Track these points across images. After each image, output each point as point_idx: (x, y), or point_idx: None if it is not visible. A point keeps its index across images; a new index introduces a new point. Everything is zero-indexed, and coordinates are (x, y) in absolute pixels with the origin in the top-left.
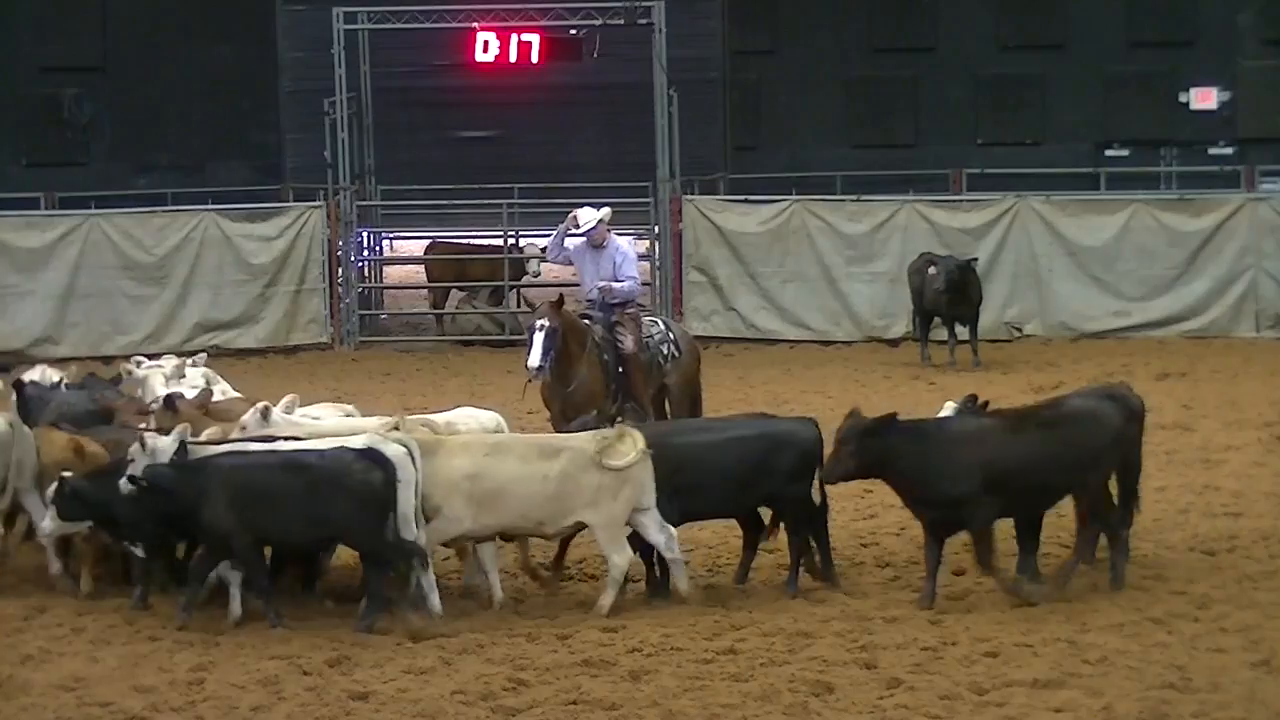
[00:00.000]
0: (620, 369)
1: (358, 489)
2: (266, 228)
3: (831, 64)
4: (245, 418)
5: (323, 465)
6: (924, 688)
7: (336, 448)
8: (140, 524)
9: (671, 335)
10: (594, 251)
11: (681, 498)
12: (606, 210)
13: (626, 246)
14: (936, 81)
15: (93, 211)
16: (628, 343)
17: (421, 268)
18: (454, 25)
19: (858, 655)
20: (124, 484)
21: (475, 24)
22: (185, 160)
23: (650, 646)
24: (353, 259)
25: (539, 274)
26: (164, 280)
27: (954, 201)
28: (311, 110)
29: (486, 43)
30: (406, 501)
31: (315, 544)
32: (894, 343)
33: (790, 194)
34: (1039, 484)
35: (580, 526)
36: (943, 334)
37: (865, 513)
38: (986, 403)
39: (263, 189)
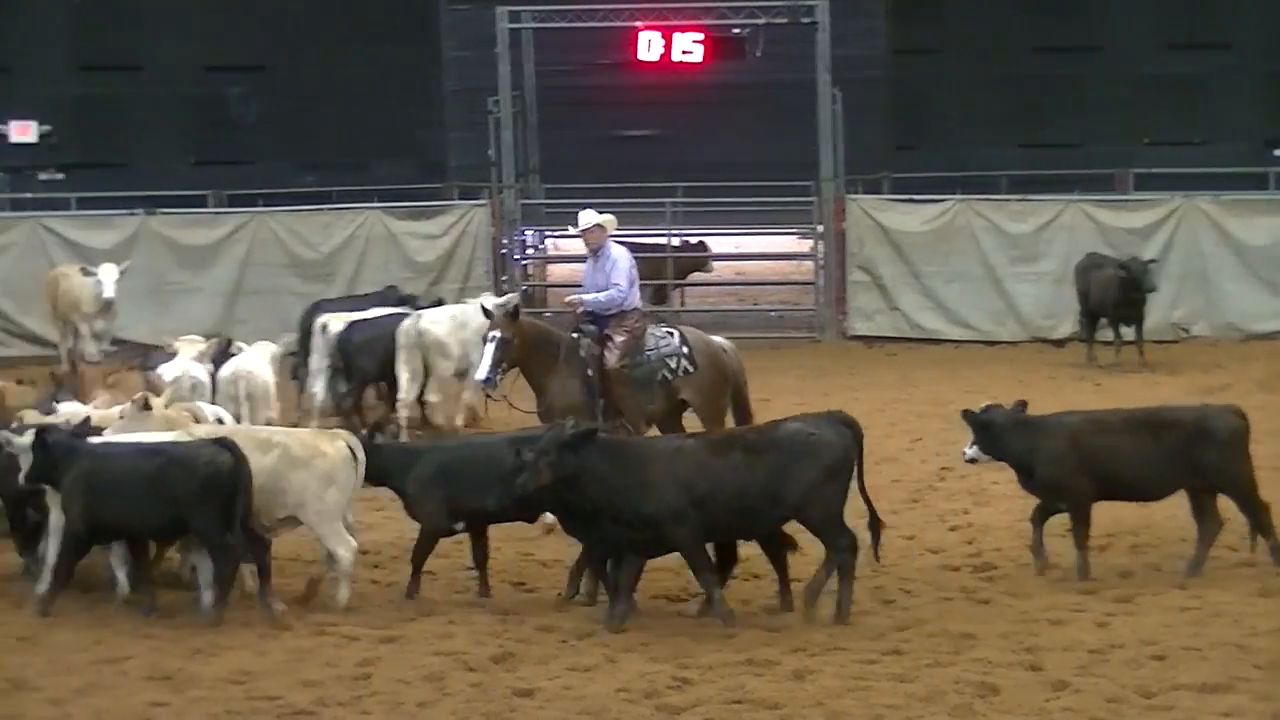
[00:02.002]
0: (604, 384)
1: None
2: (431, 226)
3: (995, 63)
4: None
5: (174, 452)
6: (1090, 690)
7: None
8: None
9: (686, 349)
10: (592, 258)
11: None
12: (609, 217)
13: (619, 254)
14: (1101, 80)
15: (260, 209)
16: (609, 357)
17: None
18: (617, 24)
19: (1023, 657)
20: None
21: (638, 23)
22: (350, 158)
23: (814, 646)
24: (516, 257)
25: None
26: (330, 277)
27: (1120, 201)
28: (475, 109)
29: (650, 42)
30: None
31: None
32: (1059, 343)
33: (954, 193)
34: (739, 508)
35: (294, 522)
36: (1109, 334)
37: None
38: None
39: (427, 187)
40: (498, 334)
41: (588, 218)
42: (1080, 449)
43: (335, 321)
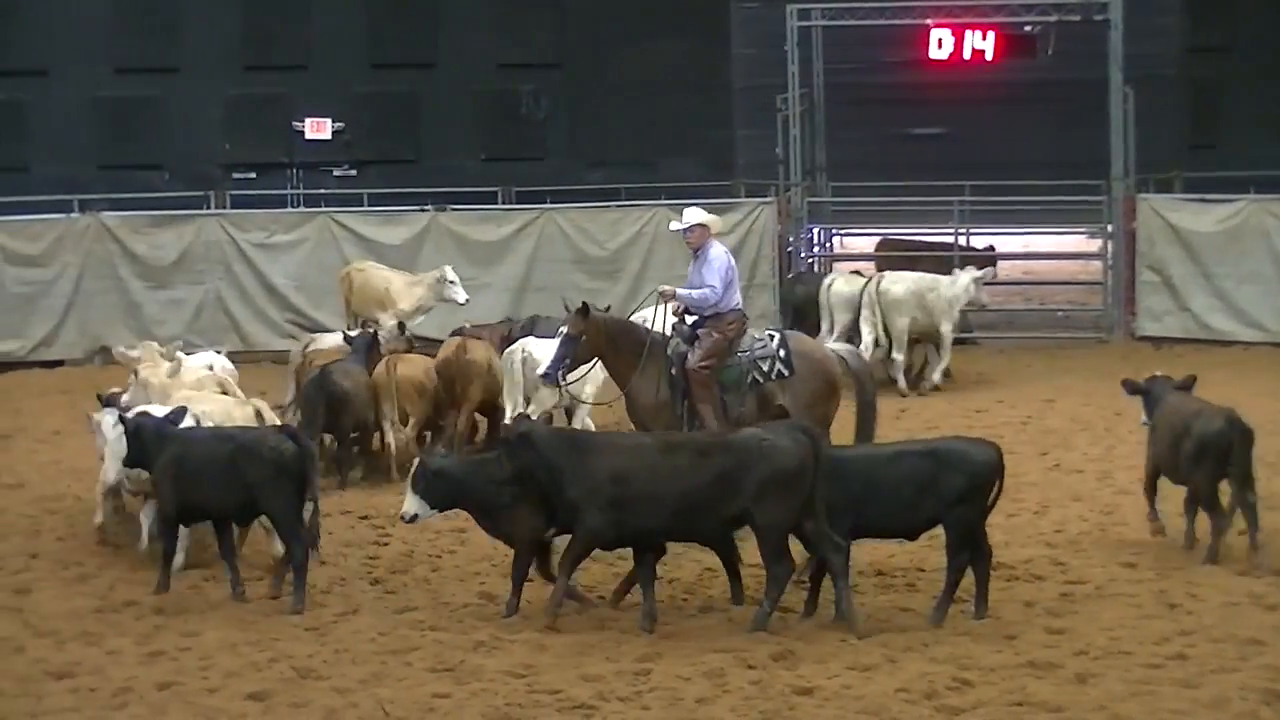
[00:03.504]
0: (686, 382)
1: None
2: (718, 224)
3: None
4: None
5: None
6: None
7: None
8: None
9: (783, 351)
10: (695, 257)
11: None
12: (714, 218)
13: (716, 255)
14: None
15: (548, 206)
16: (691, 357)
17: (871, 265)
18: (908, 22)
19: None
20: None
21: (929, 21)
22: (638, 156)
23: (1097, 650)
24: (802, 255)
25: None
26: (616, 274)
27: None
28: (763, 107)
29: (940, 40)
30: None
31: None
32: None
33: (1247, 193)
34: (677, 509)
35: None
36: None
37: None
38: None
39: (714, 184)
40: (564, 329)
41: (691, 215)
42: (1172, 430)
43: (841, 281)
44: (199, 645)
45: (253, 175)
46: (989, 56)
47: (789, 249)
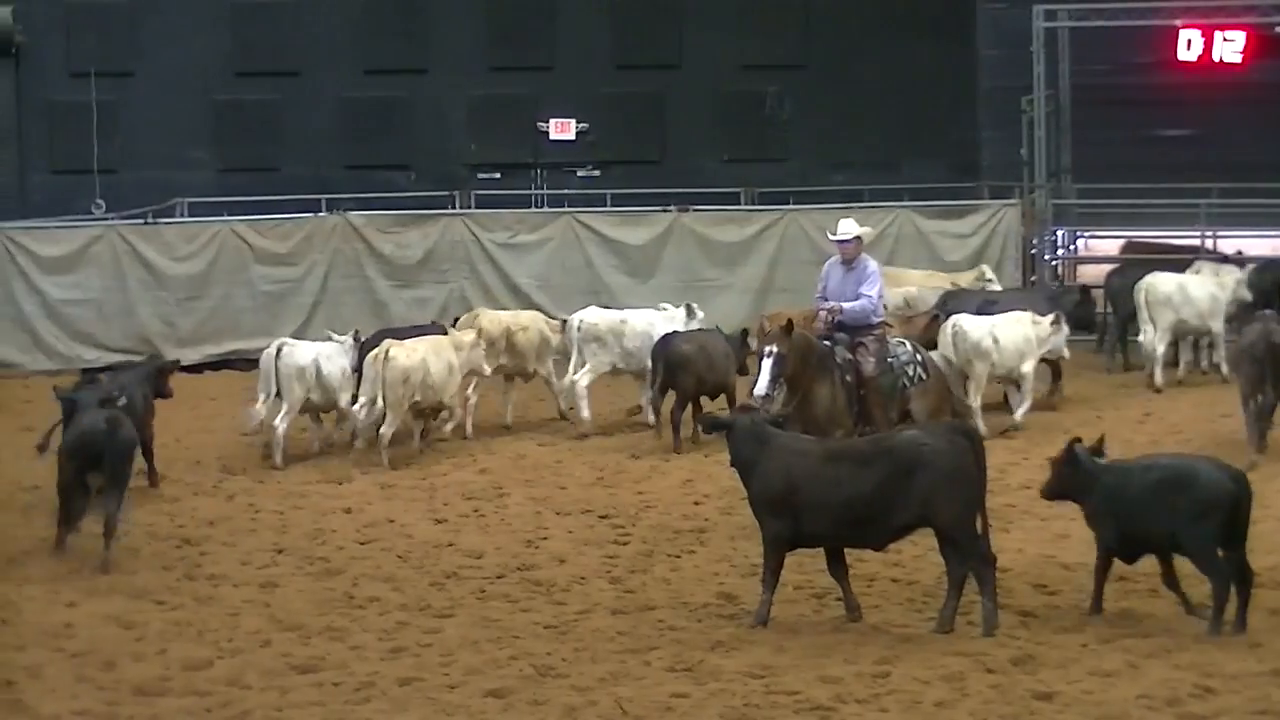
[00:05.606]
0: (860, 391)
1: None
2: (961, 225)
3: None
4: None
5: None
6: None
7: None
8: None
9: (920, 358)
10: (842, 268)
11: None
12: (869, 230)
13: (874, 267)
14: None
15: (790, 207)
16: (868, 365)
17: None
18: (1156, 23)
19: None
20: None
21: (1178, 21)
22: (882, 157)
23: None
24: (1046, 257)
25: None
26: None
27: None
28: (1009, 108)
29: (1190, 41)
30: None
31: None
32: None
33: None
34: (854, 516)
35: None
36: None
37: None
38: None
39: (958, 186)
40: (774, 349)
41: (851, 228)
42: None
43: None
44: (440, 642)
45: (497, 175)
46: (1239, 58)
47: (1033, 251)
